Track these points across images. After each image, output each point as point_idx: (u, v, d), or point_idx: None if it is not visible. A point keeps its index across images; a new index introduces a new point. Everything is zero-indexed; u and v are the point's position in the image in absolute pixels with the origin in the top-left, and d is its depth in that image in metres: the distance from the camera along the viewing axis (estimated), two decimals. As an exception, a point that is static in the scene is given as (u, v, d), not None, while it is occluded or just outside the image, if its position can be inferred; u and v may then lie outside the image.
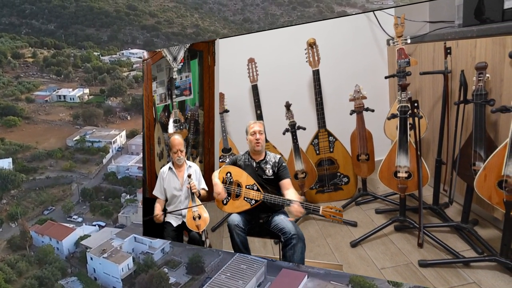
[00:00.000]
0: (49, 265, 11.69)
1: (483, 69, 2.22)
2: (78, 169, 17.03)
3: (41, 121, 20.29)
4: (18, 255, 12.37)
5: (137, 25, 31.54)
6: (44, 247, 12.48)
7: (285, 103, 3.34)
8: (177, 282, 11.33)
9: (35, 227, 13.58)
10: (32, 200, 15.25)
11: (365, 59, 3.25)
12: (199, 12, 36.60)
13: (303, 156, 3.39)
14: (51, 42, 27.12)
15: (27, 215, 14.45)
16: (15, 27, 25.54)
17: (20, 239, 12.93)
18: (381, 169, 2.72)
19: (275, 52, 3.68)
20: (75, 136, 18.72)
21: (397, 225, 2.76)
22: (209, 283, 10.68)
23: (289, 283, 10.18)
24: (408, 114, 2.55)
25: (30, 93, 21.83)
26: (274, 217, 2.39)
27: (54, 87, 22.68)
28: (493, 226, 2.47)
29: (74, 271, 12.38)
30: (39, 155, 17.41)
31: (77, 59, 25.56)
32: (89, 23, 29.76)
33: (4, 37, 24.12)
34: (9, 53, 23.94)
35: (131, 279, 11.71)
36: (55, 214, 14.81)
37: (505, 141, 2.04)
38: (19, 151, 17.43)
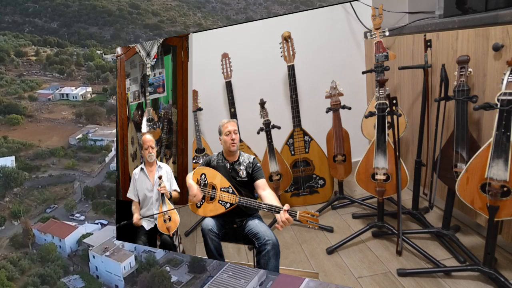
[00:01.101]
0: (52, 263, 12.08)
1: (465, 63, 2.06)
2: (80, 168, 17.29)
3: (44, 119, 20.38)
4: (21, 253, 12.61)
5: (140, 24, 31.36)
6: (47, 245, 12.61)
7: (259, 101, 3.15)
8: (179, 280, 11.39)
9: (38, 225, 13.71)
10: (35, 198, 15.38)
11: (341, 53, 3.06)
12: (202, 11, 36.51)
13: (278, 157, 3.21)
14: (54, 41, 26.98)
15: (30, 213, 14.77)
16: (18, 25, 25.53)
17: (23, 237, 13.28)
18: (358, 171, 2.55)
19: (250, 47, 3.48)
20: (78, 135, 18.92)
21: (374, 231, 2.59)
22: (211, 282, 10.67)
23: (291, 282, 10.10)
24: (387, 112, 2.38)
25: (33, 92, 21.93)
26: (249, 222, 2.30)
27: (57, 86, 22.71)
28: (475, 233, 2.31)
29: (76, 269, 12.71)
30: (41, 153, 17.62)
31: (80, 57, 25.50)
32: (92, 22, 29.58)
33: (7, 35, 24.13)
34: (12, 52, 23.83)
35: (133, 278, 11.89)
36: (57, 212, 15.13)
37: (489, 141, 1.89)
38: (22, 149, 17.59)
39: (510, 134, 1.82)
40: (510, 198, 1.87)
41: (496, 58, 1.98)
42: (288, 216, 2.01)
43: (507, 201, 1.88)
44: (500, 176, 1.88)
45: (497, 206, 1.91)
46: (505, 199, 1.89)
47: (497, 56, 1.97)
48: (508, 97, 1.81)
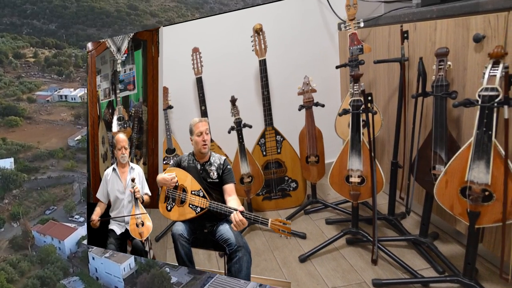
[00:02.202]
0: (51, 264, 11.81)
1: (444, 56, 1.89)
2: (79, 169, 17.01)
3: (43, 121, 20.10)
4: (20, 255, 12.35)
5: (138, 25, 30.74)
6: (46, 246, 12.47)
7: (230, 98, 2.94)
8: (178, 281, 11.25)
9: (37, 227, 13.46)
10: (34, 200, 15.12)
11: (314, 47, 2.86)
12: (200, 12, 36.05)
13: (249, 157, 3.00)
14: (52, 42, 26.37)
15: (29, 215, 14.60)
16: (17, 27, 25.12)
17: (22, 239, 13.16)
18: (332, 173, 2.36)
19: (221, 40, 3.27)
20: (77, 136, 18.74)
21: (349, 238, 2.40)
22: (211, 283, 10.44)
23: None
24: (361, 110, 2.19)
25: (31, 93, 21.54)
26: (219, 227, 2.19)
27: (56, 87, 22.24)
28: (455, 241, 2.14)
29: (76, 271, 12.58)
30: (40, 155, 17.37)
31: (79, 59, 24.97)
32: (90, 23, 28.91)
33: (6, 37, 23.76)
34: (10, 53, 23.34)
35: (133, 279, 11.78)
36: (56, 214, 14.73)
37: (469, 141, 1.72)
38: (21, 151, 17.34)
39: (492, 133, 1.65)
40: (492, 204, 1.71)
41: (477, 50, 1.81)
42: (242, 218, 1.96)
43: (489, 207, 1.72)
44: (481, 179, 1.71)
45: (478, 211, 1.75)
46: (487, 204, 1.72)
47: (478, 47, 1.81)
48: (490, 92, 1.64)
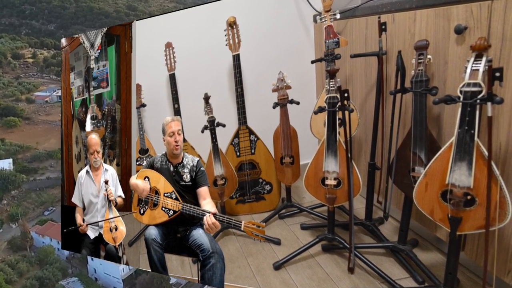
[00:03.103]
0: (50, 265, 11.53)
1: (424, 49, 1.75)
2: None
3: (41, 121, 19.74)
4: (19, 255, 12.06)
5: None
6: (45, 247, 12.32)
7: (203, 95, 2.78)
8: (178, 282, 11.16)
9: (36, 227, 13.18)
10: (33, 200, 14.77)
11: (289, 40, 2.70)
12: None
13: (223, 158, 2.83)
14: (51, 43, 25.75)
15: (28, 216, 14.26)
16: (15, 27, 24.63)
17: (21, 239, 12.91)
18: (307, 175, 2.20)
19: (194, 35, 3.11)
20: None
21: (324, 244, 2.25)
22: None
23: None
24: (337, 107, 2.04)
25: (30, 94, 21.00)
26: (193, 231, 2.13)
27: (54, 88, 21.65)
28: (435, 248, 2.01)
29: (74, 272, 12.31)
30: (39, 156, 16.96)
31: None
32: (89, 24, 28.25)
33: (4, 38, 23.22)
34: (9, 54, 22.70)
35: (132, 280, 11.57)
36: (55, 215, 14.22)
37: (450, 140, 1.58)
38: (20, 152, 17.04)
39: (475, 132, 1.52)
40: (475, 209, 1.57)
41: (459, 42, 1.68)
42: (215, 221, 1.92)
43: (471, 212, 1.58)
44: (463, 182, 1.58)
45: (459, 217, 1.61)
46: (469, 209, 1.59)
47: (459, 40, 1.67)
48: (472, 88, 1.51)
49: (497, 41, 1.54)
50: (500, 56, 1.53)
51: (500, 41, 1.53)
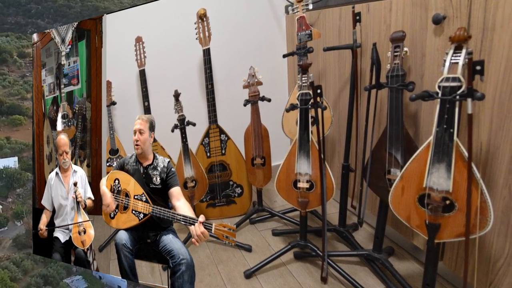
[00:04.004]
0: (54, 263, 11.09)
1: (400, 41, 1.61)
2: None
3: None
4: (24, 253, 11.74)
5: None
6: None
7: (173, 92, 2.61)
8: None
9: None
10: None
11: (261, 33, 2.54)
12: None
13: (193, 159, 2.66)
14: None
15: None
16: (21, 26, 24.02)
17: (26, 237, 12.14)
18: (279, 178, 2.05)
19: (163, 28, 2.93)
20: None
21: (297, 252, 2.10)
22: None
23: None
24: (310, 105, 1.89)
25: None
26: (163, 237, 2.05)
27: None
28: (412, 258, 1.87)
29: (79, 270, 11.70)
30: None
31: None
32: None
33: (10, 37, 22.39)
34: (15, 53, 21.78)
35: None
36: None
37: (428, 140, 1.45)
38: (25, 150, 16.24)
39: (454, 131, 1.39)
40: (454, 214, 1.44)
41: (437, 33, 1.54)
42: (204, 230, 1.81)
43: (450, 218, 1.45)
44: (441, 186, 1.45)
45: (437, 224, 1.48)
46: (448, 215, 1.45)
47: (438, 30, 1.54)
48: (451, 83, 1.38)
49: (478, 32, 1.41)
50: (481, 47, 1.41)
51: (481, 32, 1.40)
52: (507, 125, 1.37)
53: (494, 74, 1.38)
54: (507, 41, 1.33)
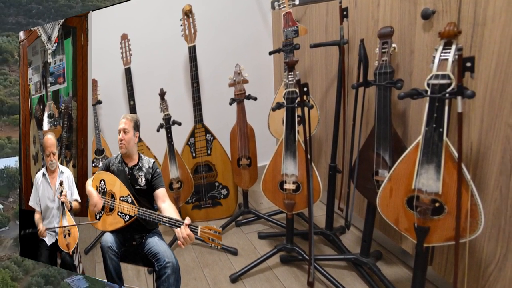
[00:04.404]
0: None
1: (388, 37, 1.55)
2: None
3: None
4: None
5: None
6: None
7: (159, 91, 2.54)
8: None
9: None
10: None
11: (247, 30, 2.47)
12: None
13: (179, 160, 2.59)
14: None
15: None
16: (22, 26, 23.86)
17: None
18: (265, 179, 1.99)
19: (149, 25, 2.86)
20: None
21: (283, 255, 2.03)
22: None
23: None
24: (296, 103, 1.83)
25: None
26: (148, 239, 2.02)
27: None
28: (401, 262, 1.81)
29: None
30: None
31: None
32: None
33: (11, 37, 22.17)
34: (16, 53, 21.48)
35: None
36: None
37: (417, 140, 1.39)
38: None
39: (443, 131, 1.33)
40: (443, 217, 1.38)
41: (426, 28, 1.48)
42: (190, 232, 1.77)
43: (439, 221, 1.39)
44: (430, 187, 1.39)
45: (426, 227, 1.42)
46: (437, 218, 1.40)
47: (427, 26, 1.48)
48: (441, 80, 1.32)
49: (468, 27, 1.35)
50: (472, 43, 1.35)
51: (471, 27, 1.34)
52: (498, 124, 1.32)
53: (485, 71, 1.33)
54: (498, 36, 1.27)
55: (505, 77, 1.27)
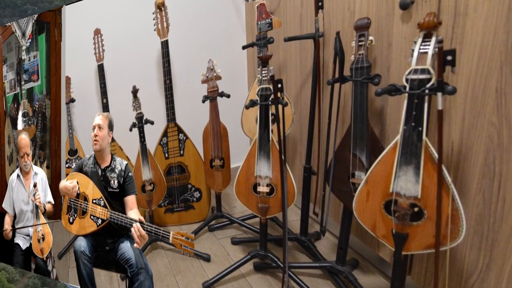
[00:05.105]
0: None
1: (365, 29, 1.45)
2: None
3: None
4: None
5: None
6: None
7: (132, 88, 2.45)
8: None
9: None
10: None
11: (220, 23, 2.35)
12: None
13: (151, 161, 2.47)
14: None
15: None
16: None
17: None
18: (238, 181, 1.88)
19: (122, 19, 2.75)
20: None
21: (256, 262, 1.92)
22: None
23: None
24: (270, 101, 1.72)
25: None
26: (121, 244, 1.97)
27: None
28: (378, 271, 1.71)
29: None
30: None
31: None
32: None
33: None
34: None
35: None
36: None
37: (395, 140, 1.29)
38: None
39: (423, 130, 1.23)
40: (423, 223, 1.29)
41: (405, 19, 1.38)
42: (143, 232, 1.75)
43: (419, 227, 1.29)
44: (409, 191, 1.29)
45: (405, 233, 1.32)
46: (416, 224, 1.30)
47: (405, 16, 1.38)
48: (420, 75, 1.22)
49: (449, 17, 1.25)
50: (452, 35, 1.25)
51: (452, 17, 1.24)
52: (481, 123, 1.22)
53: (467, 65, 1.23)
54: (481, 27, 1.17)
55: (488, 71, 1.17)
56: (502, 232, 1.20)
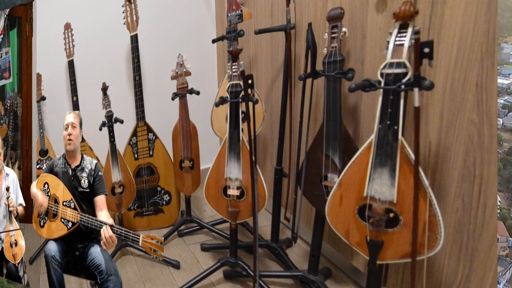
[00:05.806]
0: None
1: (338, 20, 1.34)
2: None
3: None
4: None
5: None
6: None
7: (101, 86, 2.33)
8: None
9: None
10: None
11: (189, 16, 2.23)
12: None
13: (121, 161, 2.34)
14: None
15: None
16: None
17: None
18: (208, 183, 1.76)
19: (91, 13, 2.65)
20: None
21: (226, 270, 1.80)
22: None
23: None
24: (241, 97, 1.60)
25: None
26: (91, 249, 1.87)
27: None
28: (351, 281, 1.60)
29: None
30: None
31: None
32: None
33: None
34: None
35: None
36: None
37: (369, 139, 1.19)
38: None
39: (398, 128, 1.13)
40: (399, 230, 1.18)
41: (380, 9, 1.28)
42: (112, 234, 1.68)
43: (394, 234, 1.19)
44: (384, 195, 1.19)
45: (380, 241, 1.22)
46: (391, 230, 1.20)
47: (380, 6, 1.27)
48: (396, 69, 1.12)
49: (426, 6, 1.15)
50: (430, 25, 1.15)
51: (429, 6, 1.14)
52: (460, 121, 1.12)
53: (445, 58, 1.13)
54: (460, 16, 1.08)
55: (467, 65, 1.07)
56: (483, 240, 1.10)
